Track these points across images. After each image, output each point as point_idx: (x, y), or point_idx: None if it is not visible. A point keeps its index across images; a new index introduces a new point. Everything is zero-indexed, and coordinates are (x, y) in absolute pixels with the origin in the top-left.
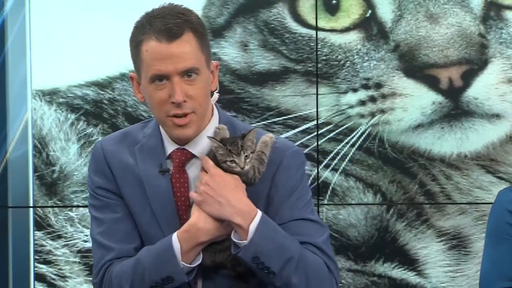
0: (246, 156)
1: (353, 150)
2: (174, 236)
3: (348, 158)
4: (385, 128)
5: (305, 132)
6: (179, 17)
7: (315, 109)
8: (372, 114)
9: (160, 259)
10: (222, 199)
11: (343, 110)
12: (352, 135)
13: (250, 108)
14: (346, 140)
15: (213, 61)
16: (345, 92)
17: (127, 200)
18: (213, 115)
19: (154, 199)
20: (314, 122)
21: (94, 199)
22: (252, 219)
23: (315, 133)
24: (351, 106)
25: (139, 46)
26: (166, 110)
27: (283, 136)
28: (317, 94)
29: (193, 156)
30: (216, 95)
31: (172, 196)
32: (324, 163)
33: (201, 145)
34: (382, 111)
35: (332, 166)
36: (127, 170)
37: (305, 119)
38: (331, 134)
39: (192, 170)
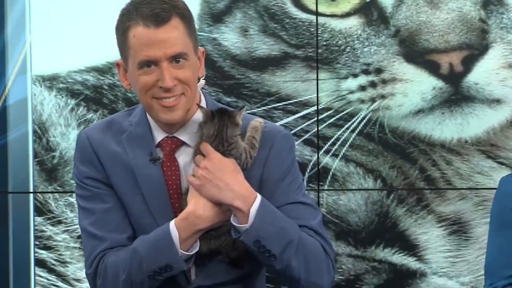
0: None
1: (353, 136)
2: (172, 224)
3: (348, 143)
4: (386, 114)
5: (306, 117)
6: (165, 2)
7: (316, 95)
8: (373, 100)
9: (158, 247)
10: (221, 183)
11: (344, 95)
12: (353, 120)
13: (250, 94)
14: (346, 126)
15: (200, 47)
16: (346, 78)
17: (118, 189)
18: (200, 102)
19: (146, 188)
20: (315, 108)
21: (82, 190)
22: (252, 203)
23: (316, 118)
24: (352, 92)
25: (126, 32)
26: (153, 93)
27: (283, 121)
28: (317, 80)
29: (183, 143)
30: (202, 82)
31: (164, 184)
32: (324, 149)
33: (189, 132)
34: (383, 97)
35: (332, 151)
36: (116, 159)
37: (306, 104)
38: (332, 120)
39: (182, 158)
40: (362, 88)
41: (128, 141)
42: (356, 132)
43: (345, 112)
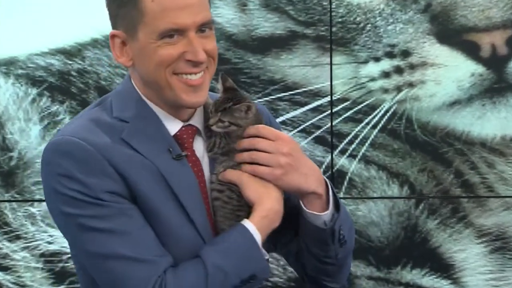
0: (221, 120)
1: (374, 132)
2: (250, 226)
3: (368, 142)
4: (414, 106)
5: (317, 110)
6: None
7: (329, 83)
8: (398, 89)
9: (244, 257)
10: (306, 169)
11: (363, 83)
12: (374, 114)
13: (249, 82)
14: (366, 120)
15: None
16: (365, 62)
17: (147, 198)
18: None
19: (180, 192)
20: (328, 98)
21: (98, 208)
22: (325, 186)
23: (329, 111)
24: (373, 79)
25: None
26: (175, 68)
27: (290, 115)
28: (331, 64)
29: (197, 132)
30: None
31: (197, 185)
32: (339, 148)
33: (201, 117)
34: (410, 85)
35: (349, 151)
36: (134, 163)
37: (317, 94)
38: (348, 113)
39: (198, 149)
40: (386, 74)
41: (134, 139)
42: (378, 128)
43: (364, 103)
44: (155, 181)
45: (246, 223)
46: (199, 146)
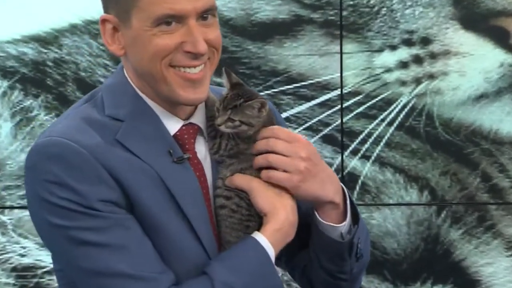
0: (231, 119)
1: (390, 130)
2: (263, 240)
3: (383, 141)
4: (435, 100)
5: (325, 105)
6: None
7: (339, 74)
8: (417, 81)
9: (256, 274)
10: (324, 175)
11: (377, 75)
12: (390, 109)
13: (249, 73)
14: (381, 117)
15: None
16: (380, 51)
17: (144, 206)
18: None
19: (183, 199)
20: (338, 92)
21: (93, 219)
22: (342, 194)
23: (339, 106)
24: (388, 70)
25: None
26: (171, 60)
27: (295, 110)
28: (341, 53)
29: (198, 131)
30: None
31: (201, 192)
32: (350, 148)
33: (203, 115)
34: (431, 77)
35: (362, 152)
36: (131, 168)
37: (325, 87)
38: (361, 108)
39: (199, 151)
40: (403, 64)
41: (130, 140)
42: (395, 125)
43: (379, 98)
44: (155, 187)
45: (258, 236)
46: (200, 147)
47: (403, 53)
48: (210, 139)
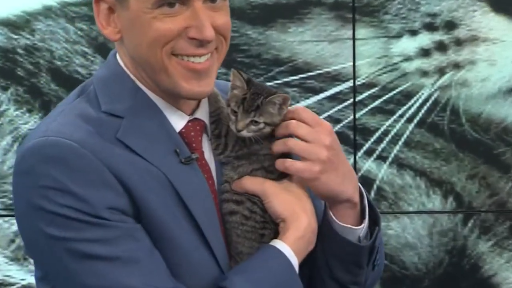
0: (255, 122)
1: (410, 128)
2: (286, 250)
3: (402, 140)
4: (462, 93)
5: (336, 98)
6: None
7: (351, 63)
8: (441, 71)
9: (282, 286)
10: (346, 168)
11: (395, 64)
12: (409, 103)
13: (248, 62)
14: (399, 112)
15: None
16: (398, 36)
17: (154, 214)
18: None
19: (194, 205)
20: (350, 84)
21: (100, 229)
22: (359, 192)
23: (351, 100)
24: (408, 58)
25: None
26: (174, 47)
27: (300, 104)
28: (353, 39)
29: (204, 127)
30: None
31: (211, 195)
32: (365, 148)
33: (206, 110)
34: (457, 66)
35: (377, 152)
36: (137, 170)
37: (335, 78)
38: (376, 102)
39: (205, 150)
40: (425, 52)
41: (133, 139)
42: (415, 122)
43: (397, 90)
44: (163, 191)
45: (280, 244)
46: (206, 146)
47: (425, 39)
48: (213, 137)
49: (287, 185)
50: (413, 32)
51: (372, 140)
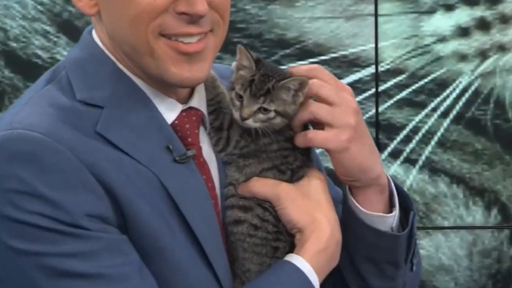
0: (264, 109)
1: (445, 124)
2: (305, 266)
3: (435, 139)
4: (508, 81)
5: (354, 88)
6: None
7: (373, 45)
8: (483, 54)
9: None
10: (370, 140)
11: (426, 46)
12: (444, 94)
13: (247, 42)
14: (431, 105)
15: None
16: (430, 12)
17: (143, 223)
18: None
19: (191, 212)
20: (371, 70)
21: (78, 241)
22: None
23: (373, 90)
24: (442, 39)
25: None
26: (161, 25)
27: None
28: (376, 16)
29: (202, 118)
30: None
31: (210, 199)
32: (389, 149)
33: (202, 98)
34: (502, 49)
35: (405, 154)
36: (122, 170)
37: (353, 63)
38: (403, 93)
39: (204, 145)
40: (463, 31)
41: (115, 133)
42: (451, 117)
43: (429, 78)
44: (154, 196)
45: (296, 259)
46: (205, 141)
47: (463, 15)
48: (213, 130)
49: (305, 188)
50: (449, 7)
51: (398, 139)
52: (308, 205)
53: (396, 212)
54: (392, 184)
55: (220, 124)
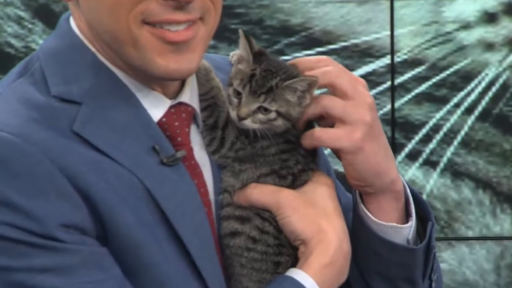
0: (265, 109)
1: (470, 122)
2: (307, 281)
3: (459, 138)
4: None
5: (367, 81)
6: None
7: (388, 32)
8: (511, 45)
9: None
10: (385, 140)
11: (448, 34)
12: (468, 88)
13: (247, 30)
14: (454, 100)
15: None
16: None
17: (125, 234)
18: None
19: (179, 220)
20: (387, 60)
21: (54, 254)
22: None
23: (388, 83)
24: (466, 26)
25: None
26: (144, 12)
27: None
28: (391, 1)
29: (193, 115)
30: None
31: (203, 207)
32: (407, 149)
33: (194, 93)
34: None
35: (424, 155)
36: (102, 174)
37: (367, 53)
38: (422, 87)
39: (195, 145)
40: (490, 17)
41: (94, 133)
42: (476, 113)
43: (451, 70)
44: (138, 203)
45: (300, 275)
46: (197, 141)
47: (488, 0)
48: (206, 129)
49: (309, 194)
50: None
51: (417, 138)
52: (313, 214)
53: (412, 222)
54: (408, 191)
55: (214, 123)
